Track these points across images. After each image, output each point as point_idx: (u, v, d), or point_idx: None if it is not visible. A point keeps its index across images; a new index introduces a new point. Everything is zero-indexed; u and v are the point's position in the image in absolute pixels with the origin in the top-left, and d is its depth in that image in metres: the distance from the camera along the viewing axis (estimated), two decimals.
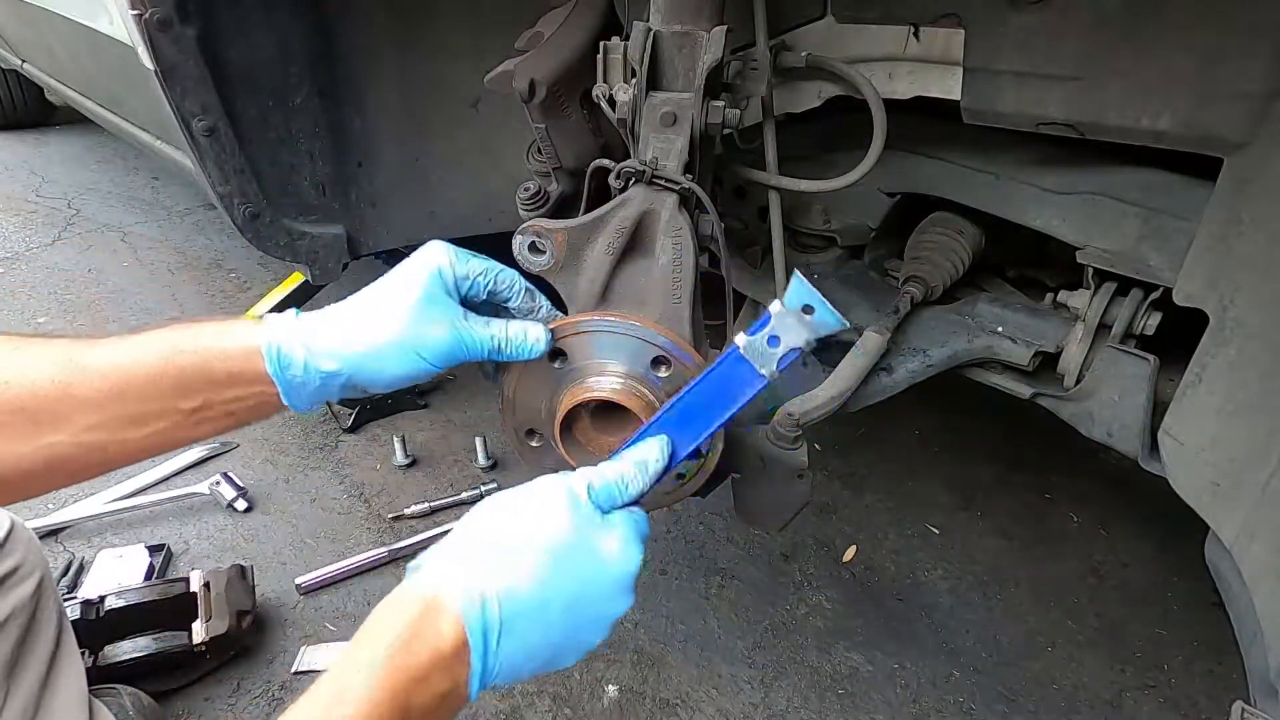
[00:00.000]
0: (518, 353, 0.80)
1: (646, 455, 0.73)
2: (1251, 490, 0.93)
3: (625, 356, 0.90)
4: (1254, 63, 0.85)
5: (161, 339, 0.72)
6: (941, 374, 1.36)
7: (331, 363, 0.73)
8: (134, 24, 1.20)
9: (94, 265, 3.06)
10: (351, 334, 0.73)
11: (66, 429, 0.70)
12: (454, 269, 0.78)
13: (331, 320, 0.75)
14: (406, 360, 0.74)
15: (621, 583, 0.68)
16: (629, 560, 0.68)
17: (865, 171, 1.15)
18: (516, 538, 0.65)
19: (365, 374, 0.74)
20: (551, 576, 0.64)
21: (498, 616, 0.61)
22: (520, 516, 0.67)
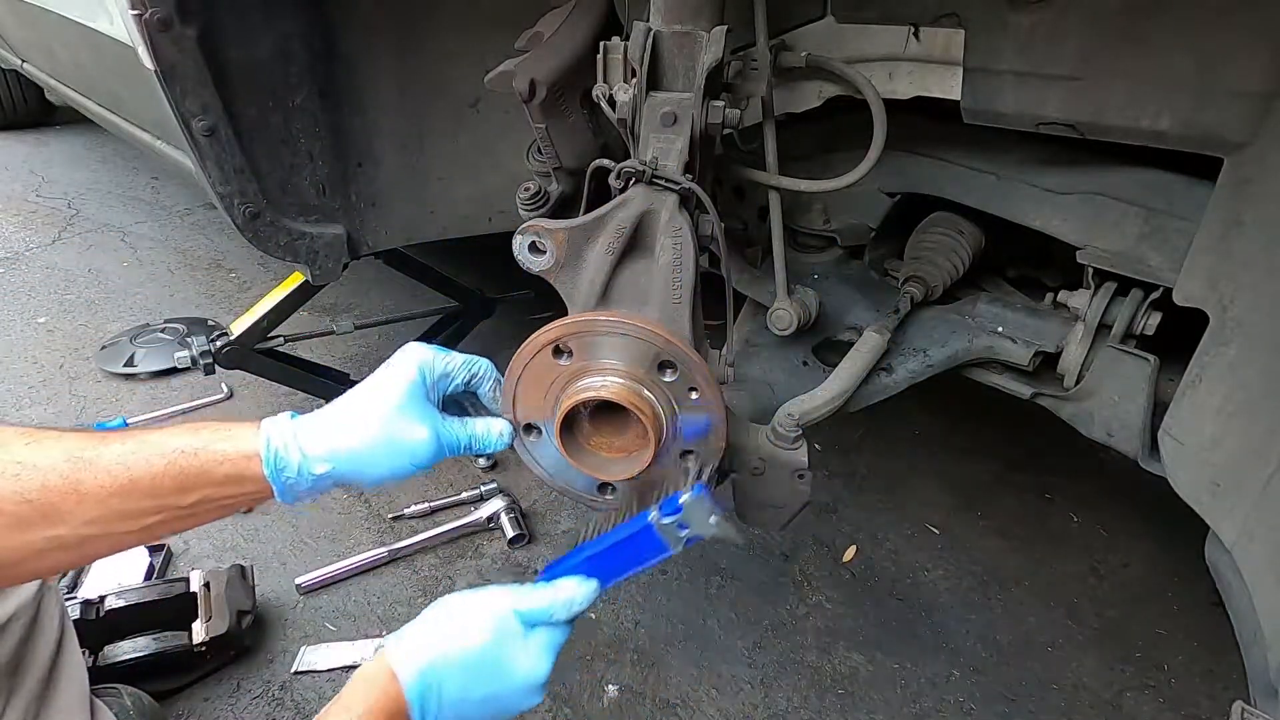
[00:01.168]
0: (485, 447, 0.91)
1: (574, 594, 0.84)
2: (1251, 490, 0.93)
3: (625, 357, 0.90)
4: (1254, 63, 0.85)
5: (168, 441, 0.78)
6: (941, 374, 1.37)
7: (324, 467, 0.81)
8: (134, 24, 1.20)
9: (94, 265, 3.06)
10: (342, 441, 0.81)
11: (69, 522, 0.74)
12: (432, 369, 0.88)
13: (323, 426, 0.82)
14: (393, 464, 0.83)
15: (529, 686, 0.82)
16: (536, 671, 0.82)
17: (865, 171, 1.15)
18: (456, 641, 0.80)
19: (354, 474, 0.83)
20: (474, 675, 0.79)
21: (433, 695, 0.79)
22: (466, 619, 0.82)
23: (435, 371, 0.88)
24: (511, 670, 0.81)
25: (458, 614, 0.82)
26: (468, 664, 0.79)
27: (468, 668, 0.79)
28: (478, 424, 0.91)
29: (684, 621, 1.65)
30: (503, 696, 0.81)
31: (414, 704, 0.77)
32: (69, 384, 2.31)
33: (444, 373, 0.89)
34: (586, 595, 0.85)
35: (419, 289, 2.32)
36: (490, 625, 0.81)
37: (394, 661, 0.79)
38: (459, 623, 0.81)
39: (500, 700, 0.81)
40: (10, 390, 2.26)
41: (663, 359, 0.89)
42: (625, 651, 1.57)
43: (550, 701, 1.46)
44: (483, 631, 0.80)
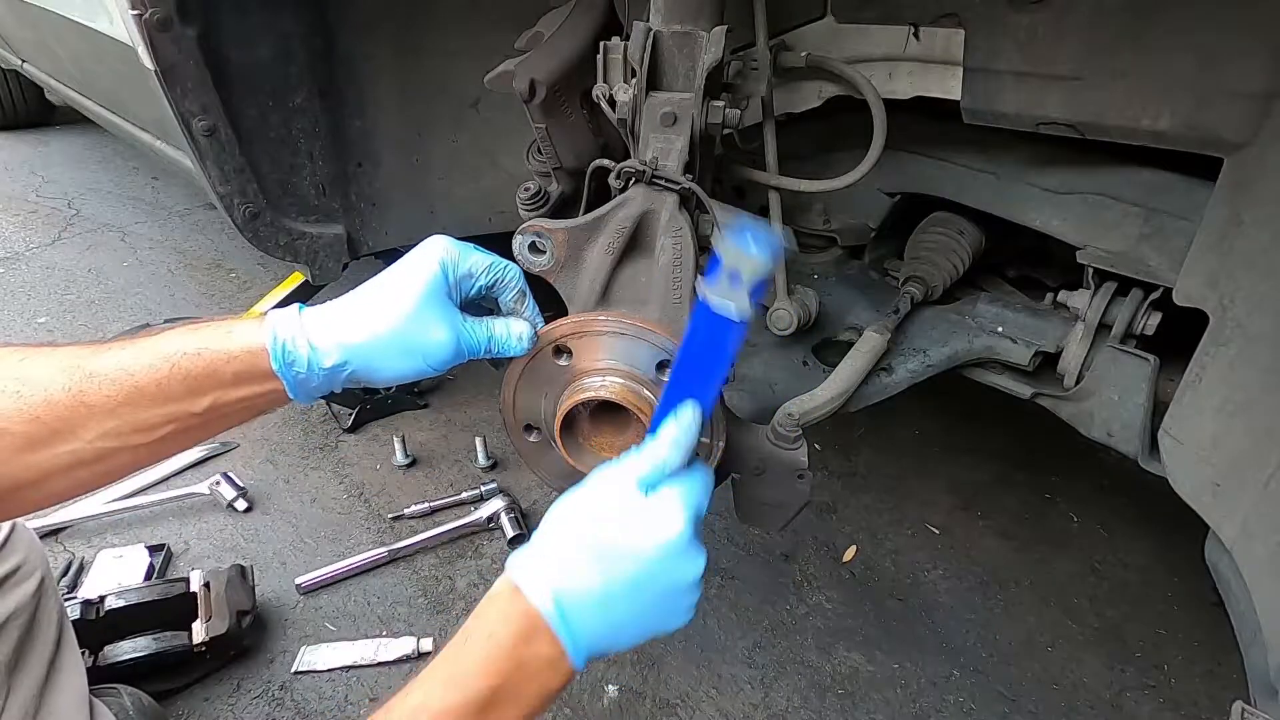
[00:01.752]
0: (504, 350, 0.83)
1: (677, 430, 0.75)
2: (1251, 490, 0.93)
3: (625, 357, 0.90)
4: (1254, 63, 0.85)
5: (167, 343, 0.73)
6: (941, 374, 1.37)
7: (335, 357, 0.74)
8: (134, 24, 1.20)
9: (94, 265, 3.06)
10: (353, 334, 0.75)
11: (82, 436, 0.71)
12: (455, 266, 0.80)
13: (335, 316, 0.76)
14: (408, 361, 0.77)
15: (672, 550, 0.71)
16: (669, 529, 0.71)
17: (865, 171, 1.15)
18: (576, 539, 0.72)
19: (368, 371, 0.76)
20: (607, 570, 0.70)
21: (567, 607, 0.69)
22: (581, 517, 0.73)
23: (459, 269, 0.80)
24: (642, 542, 0.70)
25: (579, 507, 0.74)
26: (600, 554, 0.70)
27: (601, 558, 0.70)
28: (497, 324, 0.83)
29: None
30: (650, 578, 0.71)
31: (551, 618, 0.68)
32: None
33: (467, 271, 0.80)
34: (689, 423, 0.75)
35: None
36: (610, 503, 0.72)
37: (519, 578, 0.70)
38: (580, 516, 0.73)
39: (650, 583, 0.71)
40: None
41: (662, 359, 0.89)
42: (625, 651, 1.57)
43: None
44: (603, 515, 0.72)
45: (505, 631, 0.69)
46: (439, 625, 1.59)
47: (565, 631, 0.69)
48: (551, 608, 0.68)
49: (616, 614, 0.71)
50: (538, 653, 0.69)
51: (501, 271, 0.83)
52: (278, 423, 2.18)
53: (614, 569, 0.70)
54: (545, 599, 0.69)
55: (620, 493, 0.73)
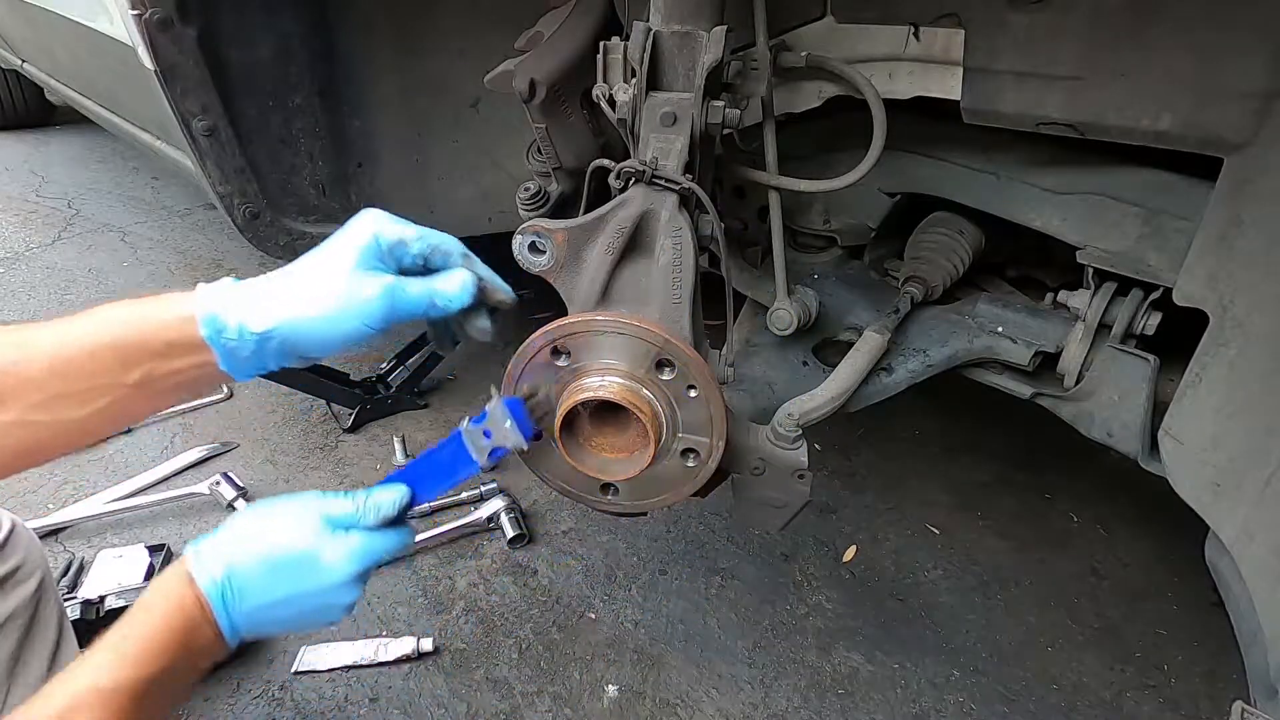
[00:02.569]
0: (446, 302, 0.80)
1: (381, 499, 0.84)
2: (1251, 490, 0.93)
3: (625, 357, 0.90)
4: (1254, 62, 0.85)
5: (100, 314, 0.75)
6: (941, 374, 1.37)
7: (265, 323, 0.74)
8: (134, 24, 1.20)
9: (94, 265, 3.06)
10: (284, 296, 0.75)
11: (13, 408, 0.71)
12: (386, 234, 0.79)
13: (266, 284, 0.76)
14: (343, 326, 0.76)
15: (334, 584, 0.79)
16: (341, 569, 0.79)
17: (865, 171, 1.15)
18: (259, 536, 0.79)
19: (300, 336, 0.75)
20: (276, 572, 0.77)
21: (231, 587, 0.76)
22: (269, 521, 0.80)
23: (390, 236, 0.79)
24: (315, 567, 0.78)
25: (261, 515, 0.80)
26: (269, 561, 0.77)
27: (269, 564, 0.77)
28: (435, 279, 0.80)
29: (684, 621, 1.65)
30: (309, 595, 0.79)
31: (215, 603, 0.75)
32: None
33: (398, 239, 0.80)
34: (395, 501, 0.84)
35: None
36: (294, 524, 0.79)
37: (191, 565, 0.76)
38: (261, 524, 0.79)
39: (306, 599, 0.79)
40: None
41: (662, 359, 0.89)
42: (625, 651, 1.57)
43: (550, 702, 1.46)
44: (286, 530, 0.78)
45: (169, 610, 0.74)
46: (439, 625, 1.60)
47: (224, 614, 0.76)
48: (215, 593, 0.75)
49: (270, 615, 0.78)
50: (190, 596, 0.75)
51: (437, 240, 0.82)
52: (278, 423, 2.19)
53: (277, 584, 0.77)
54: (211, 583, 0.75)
55: (307, 519, 0.79)
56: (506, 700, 1.46)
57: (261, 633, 0.81)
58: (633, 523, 1.88)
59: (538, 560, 1.78)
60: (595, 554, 1.81)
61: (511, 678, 1.50)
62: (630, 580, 1.75)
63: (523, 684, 1.49)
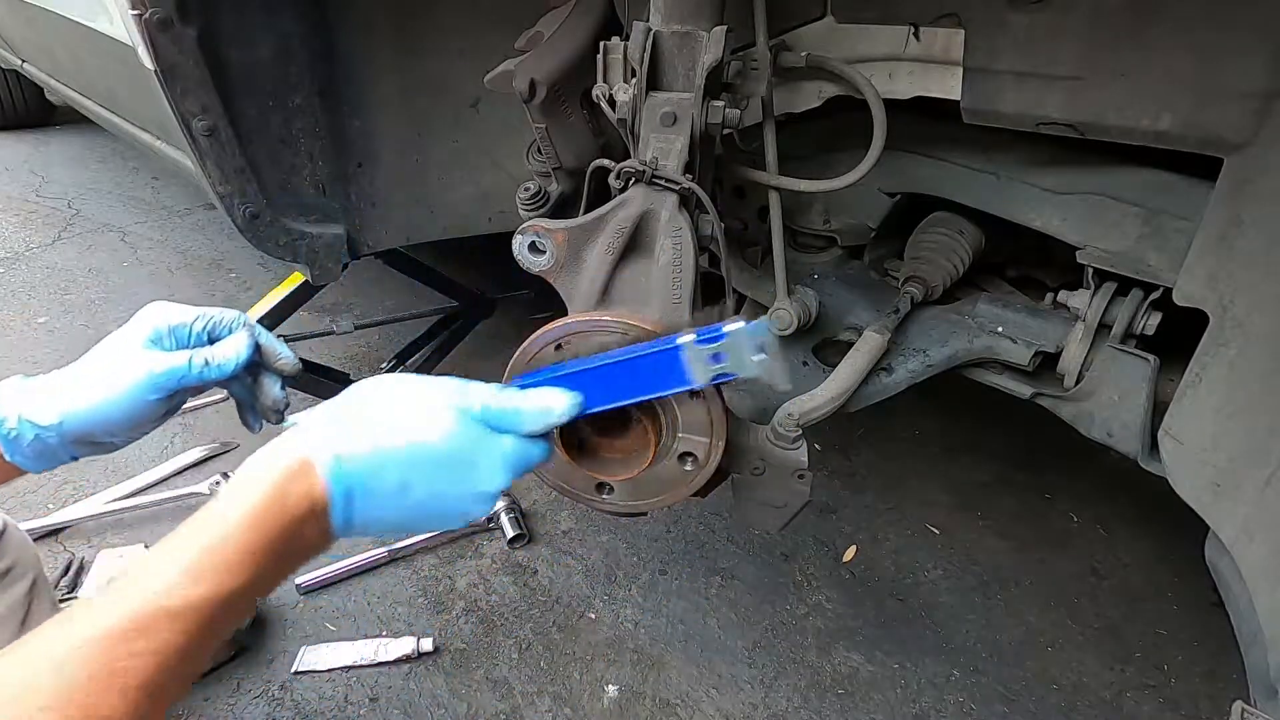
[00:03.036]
0: (222, 364, 0.83)
1: (552, 403, 0.73)
2: (1251, 490, 0.93)
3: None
4: (1254, 62, 0.85)
5: None
6: (941, 374, 1.36)
7: (45, 415, 0.77)
8: (134, 24, 1.20)
9: (94, 265, 3.06)
10: (63, 389, 0.79)
11: None
12: (164, 320, 0.82)
13: (44, 381, 0.80)
14: (118, 402, 0.78)
15: (477, 495, 0.70)
16: (490, 480, 0.70)
17: (865, 171, 1.14)
18: (398, 425, 0.68)
19: (80, 420, 0.78)
20: (417, 465, 0.67)
21: (361, 486, 0.65)
22: (411, 401, 0.70)
23: (170, 320, 0.82)
24: (464, 473, 0.69)
25: (392, 393, 0.70)
26: (411, 458, 0.67)
27: (410, 461, 0.67)
28: (212, 346, 0.83)
29: (684, 621, 1.65)
30: (448, 499, 0.69)
31: (337, 502, 0.64)
32: None
33: (180, 322, 0.82)
34: (566, 408, 0.73)
35: (419, 289, 2.32)
36: (442, 415, 0.69)
37: (308, 450, 0.64)
38: (394, 408, 0.69)
39: (443, 502, 0.69)
40: None
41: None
42: (625, 651, 1.57)
43: (550, 702, 1.46)
44: (434, 422, 0.68)
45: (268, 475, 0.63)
46: (439, 625, 1.60)
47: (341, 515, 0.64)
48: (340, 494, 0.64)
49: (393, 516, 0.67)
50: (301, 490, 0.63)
51: (218, 315, 0.85)
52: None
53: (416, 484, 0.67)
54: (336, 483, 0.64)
55: (460, 412, 0.70)
56: (506, 700, 1.46)
57: (370, 532, 0.69)
58: (633, 523, 1.88)
59: (538, 560, 1.78)
60: (595, 554, 1.81)
61: (511, 678, 1.50)
62: (630, 580, 1.75)
63: (523, 684, 1.49)
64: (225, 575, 0.59)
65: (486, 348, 2.56)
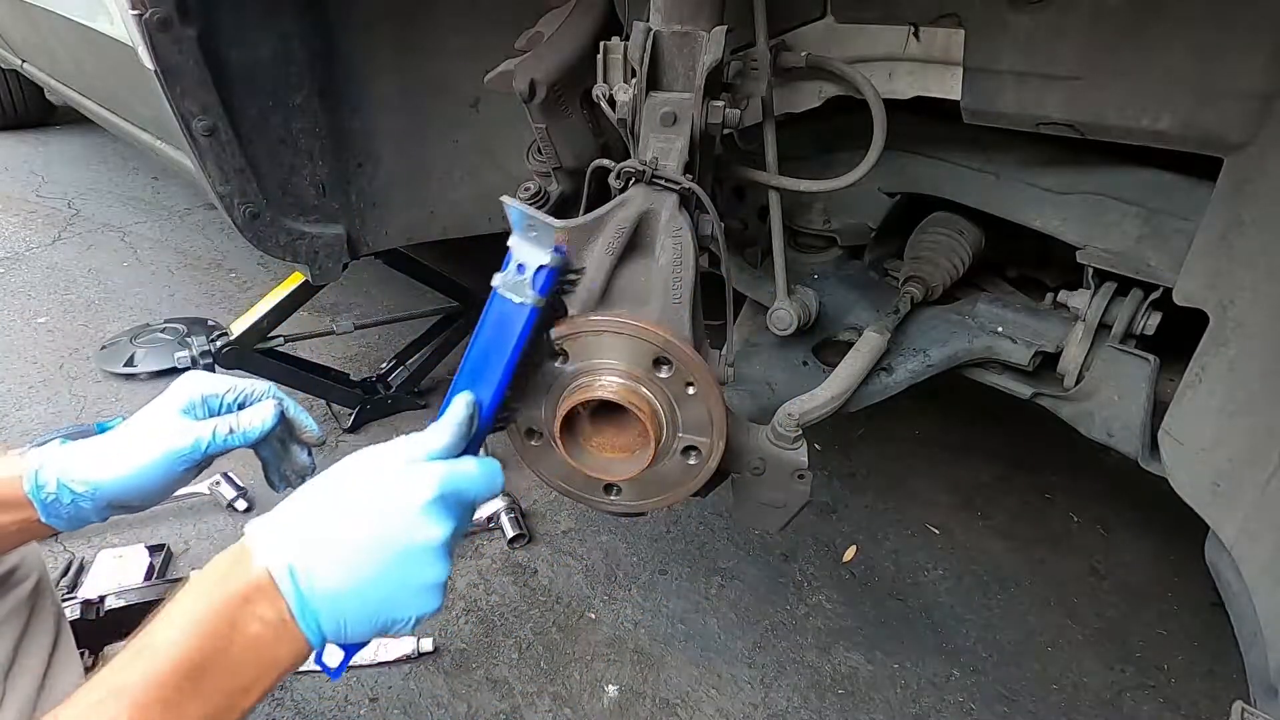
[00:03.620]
0: (249, 431, 0.87)
1: (455, 415, 0.75)
2: (1251, 490, 0.93)
3: (625, 357, 0.90)
4: (1254, 62, 0.85)
5: None
6: (941, 374, 1.37)
7: (82, 482, 0.82)
8: (134, 24, 1.20)
9: (94, 265, 3.06)
10: (98, 452, 0.84)
11: None
12: (201, 390, 0.88)
13: (85, 447, 0.85)
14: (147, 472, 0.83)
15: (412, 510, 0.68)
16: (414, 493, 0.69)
17: (865, 171, 1.14)
18: (317, 500, 0.70)
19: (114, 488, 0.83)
20: (342, 526, 0.67)
21: (299, 556, 0.65)
22: (329, 482, 0.72)
23: (204, 390, 0.89)
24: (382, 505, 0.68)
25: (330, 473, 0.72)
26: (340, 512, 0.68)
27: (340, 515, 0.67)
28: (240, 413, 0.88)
29: (684, 621, 1.65)
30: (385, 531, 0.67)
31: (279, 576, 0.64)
32: (69, 384, 2.31)
33: (213, 392, 0.89)
34: (460, 413, 0.74)
35: (419, 289, 2.32)
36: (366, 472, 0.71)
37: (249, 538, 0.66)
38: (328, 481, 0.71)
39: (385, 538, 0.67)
40: (10, 390, 2.26)
41: (662, 359, 0.89)
42: (625, 651, 1.57)
43: (550, 702, 1.46)
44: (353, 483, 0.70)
45: (220, 591, 0.64)
46: (439, 625, 1.59)
47: (294, 592, 0.64)
48: (279, 566, 0.64)
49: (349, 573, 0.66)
50: (256, 613, 0.64)
51: (249, 386, 0.91)
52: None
53: (349, 525, 0.67)
54: (274, 557, 0.64)
55: (377, 462, 0.72)
56: (506, 700, 1.46)
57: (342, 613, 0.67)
58: (633, 523, 1.88)
59: (538, 560, 1.78)
60: (595, 554, 1.81)
61: (511, 678, 1.50)
62: (630, 580, 1.75)
63: (523, 684, 1.49)
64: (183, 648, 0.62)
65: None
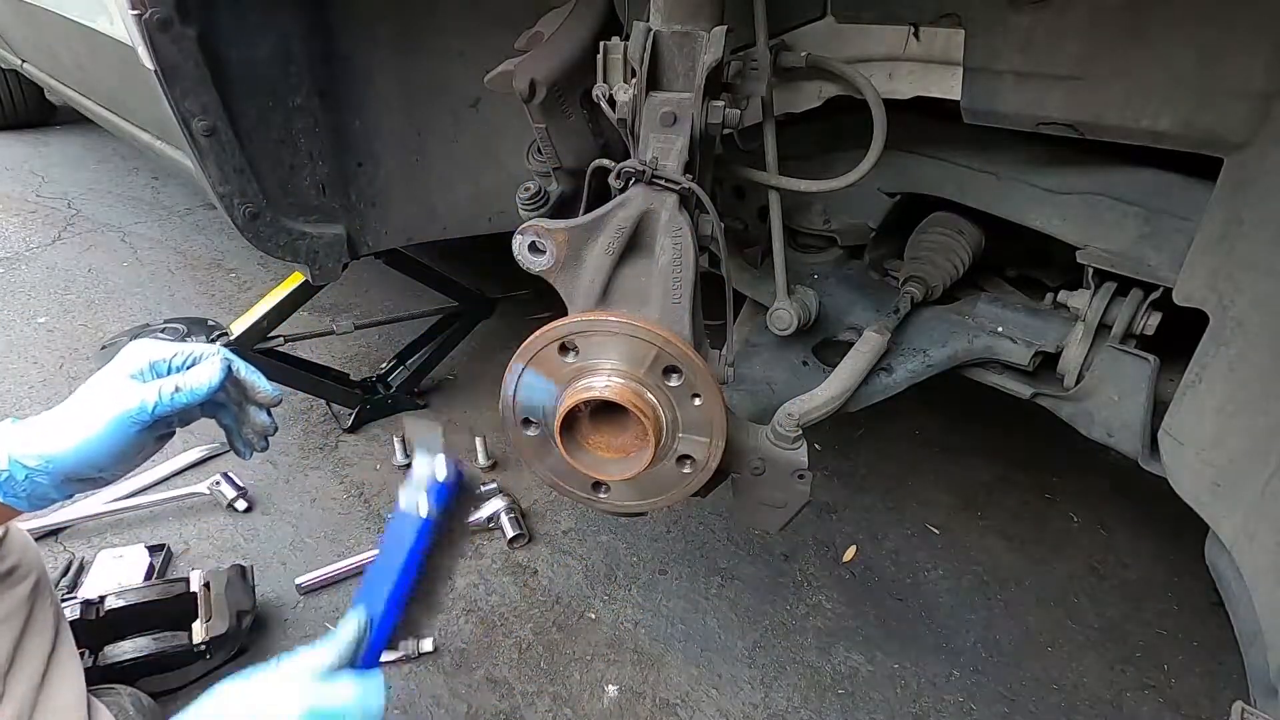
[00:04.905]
0: (196, 387, 0.86)
1: (345, 635, 0.82)
2: (1251, 490, 0.93)
3: (625, 357, 0.90)
4: (1254, 62, 0.85)
5: None
6: (941, 374, 1.37)
7: (32, 456, 0.81)
8: (134, 24, 1.20)
9: (94, 265, 3.06)
10: (47, 426, 0.83)
11: None
12: (149, 355, 0.88)
13: (38, 420, 0.84)
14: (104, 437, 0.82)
15: None
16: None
17: (865, 171, 1.14)
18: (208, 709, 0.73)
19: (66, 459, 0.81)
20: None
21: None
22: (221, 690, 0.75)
23: (148, 358, 0.87)
24: None
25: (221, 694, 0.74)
26: None
27: None
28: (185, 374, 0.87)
29: (684, 621, 1.65)
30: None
31: None
32: (69, 384, 2.31)
33: (160, 358, 0.88)
34: (359, 626, 0.83)
35: (419, 289, 2.32)
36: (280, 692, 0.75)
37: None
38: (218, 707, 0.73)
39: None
40: (10, 390, 2.26)
41: (662, 359, 0.89)
42: (625, 651, 1.57)
43: (550, 702, 1.46)
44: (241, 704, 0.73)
45: None
46: (439, 625, 1.59)
47: None
48: None
49: None
50: None
51: (198, 350, 0.90)
52: (278, 423, 2.18)
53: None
54: None
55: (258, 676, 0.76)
56: (506, 700, 1.46)
57: None
58: (633, 523, 1.88)
59: (538, 560, 1.78)
60: (595, 554, 1.81)
61: (511, 678, 1.50)
62: (630, 580, 1.75)
63: (523, 684, 1.49)
64: None
65: (486, 348, 2.56)
